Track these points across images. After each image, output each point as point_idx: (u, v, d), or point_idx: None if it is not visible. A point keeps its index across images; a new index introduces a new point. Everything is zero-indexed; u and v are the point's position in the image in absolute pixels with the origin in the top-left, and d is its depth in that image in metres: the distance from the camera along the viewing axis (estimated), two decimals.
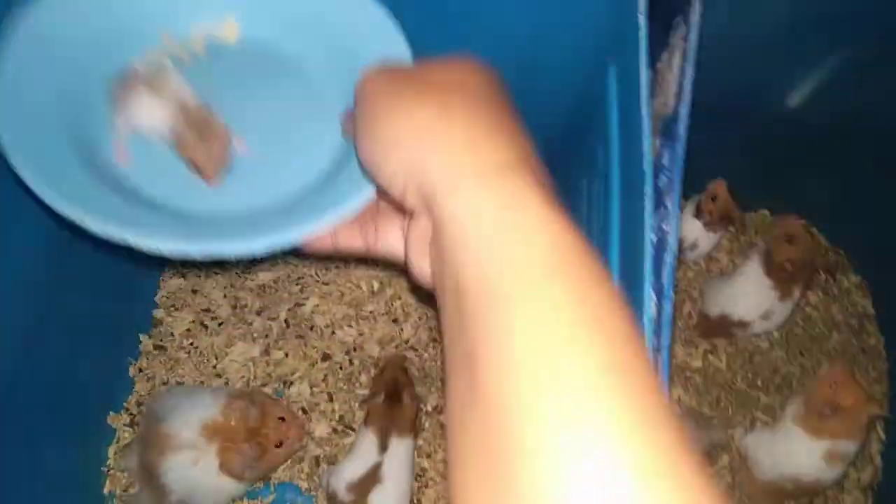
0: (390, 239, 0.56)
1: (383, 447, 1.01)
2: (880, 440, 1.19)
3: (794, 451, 1.06)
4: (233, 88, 0.66)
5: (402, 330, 1.19)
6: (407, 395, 1.04)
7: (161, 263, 1.19)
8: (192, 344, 1.15)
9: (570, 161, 0.85)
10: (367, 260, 1.23)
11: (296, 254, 1.22)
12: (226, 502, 1.04)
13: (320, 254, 0.60)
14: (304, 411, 1.12)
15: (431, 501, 1.08)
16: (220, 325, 1.16)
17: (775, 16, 1.03)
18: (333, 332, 1.18)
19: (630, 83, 0.65)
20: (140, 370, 1.13)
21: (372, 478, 0.99)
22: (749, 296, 1.16)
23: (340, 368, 1.16)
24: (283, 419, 0.99)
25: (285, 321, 1.17)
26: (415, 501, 1.08)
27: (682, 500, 0.30)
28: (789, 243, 1.14)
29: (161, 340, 1.15)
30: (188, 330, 1.15)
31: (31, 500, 0.95)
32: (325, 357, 1.16)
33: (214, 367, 1.13)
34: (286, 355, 1.15)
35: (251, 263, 1.21)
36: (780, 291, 1.15)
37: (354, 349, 1.17)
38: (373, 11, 0.66)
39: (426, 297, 1.16)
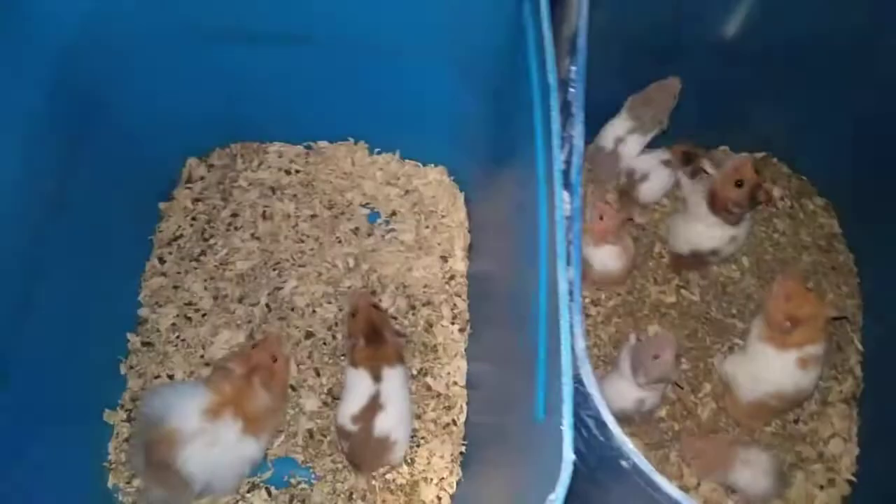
0: None
1: (377, 379, 1.05)
2: (858, 352, 1.22)
3: (769, 367, 1.08)
4: None
5: (380, 300, 1.22)
6: (387, 332, 1.08)
7: (141, 263, 1.23)
8: (178, 337, 1.18)
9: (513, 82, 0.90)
10: (340, 240, 1.27)
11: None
12: (246, 471, 1.06)
13: None
14: (293, 388, 1.15)
15: (424, 459, 1.11)
16: (203, 316, 1.20)
17: None
18: (314, 311, 1.21)
19: (538, 14, 0.69)
20: (131, 367, 1.16)
21: (373, 406, 1.04)
22: (705, 231, 1.18)
23: (324, 344, 1.19)
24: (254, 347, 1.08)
25: (266, 305, 1.21)
26: (408, 460, 1.11)
27: None
28: (738, 187, 1.14)
29: (148, 337, 1.18)
30: (173, 324, 1.19)
31: (39, 500, 0.98)
32: (309, 335, 1.19)
33: (202, 356, 1.17)
34: None
35: (228, 254, 1.24)
36: (730, 223, 1.17)
37: (336, 324, 1.20)
38: None
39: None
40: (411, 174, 1.33)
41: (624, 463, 0.59)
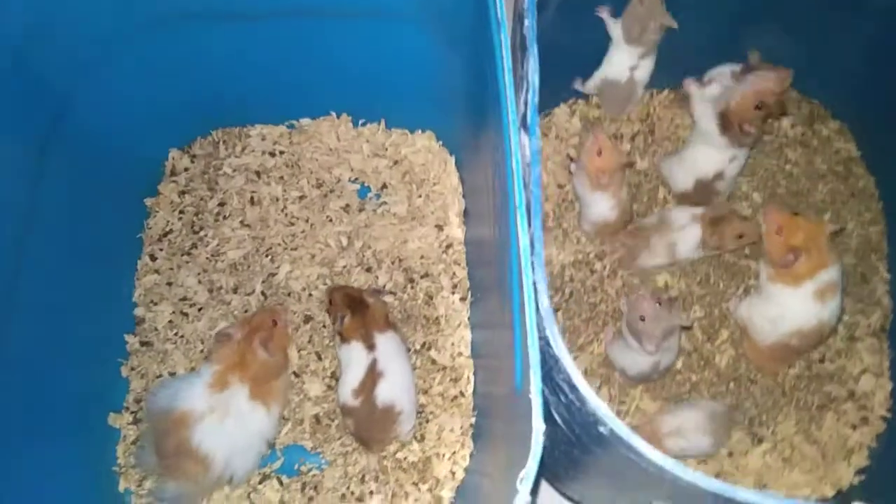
0: None
1: (370, 347, 1.03)
2: (885, 280, 1.14)
3: (787, 307, 1.02)
4: None
5: (377, 277, 1.18)
6: (367, 295, 1.07)
7: (132, 263, 1.21)
8: (176, 334, 1.16)
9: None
10: (331, 219, 1.23)
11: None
12: (263, 448, 1.06)
13: None
14: (296, 374, 1.13)
15: (434, 434, 1.08)
16: (199, 310, 1.18)
17: None
18: (311, 294, 1.18)
19: None
20: (132, 368, 1.15)
21: (372, 376, 1.02)
22: (712, 155, 1.12)
23: (323, 327, 1.16)
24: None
25: (262, 293, 1.18)
26: (417, 437, 1.08)
27: None
28: (757, 109, 1.07)
29: (146, 336, 1.17)
30: (170, 321, 1.17)
31: None
32: (307, 319, 1.16)
33: (202, 351, 1.15)
34: None
35: (219, 245, 1.22)
36: (742, 145, 1.10)
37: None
38: None
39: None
40: (399, 143, 1.28)
41: (602, 429, 0.55)
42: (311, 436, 1.10)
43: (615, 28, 1.14)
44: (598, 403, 0.55)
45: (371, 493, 1.06)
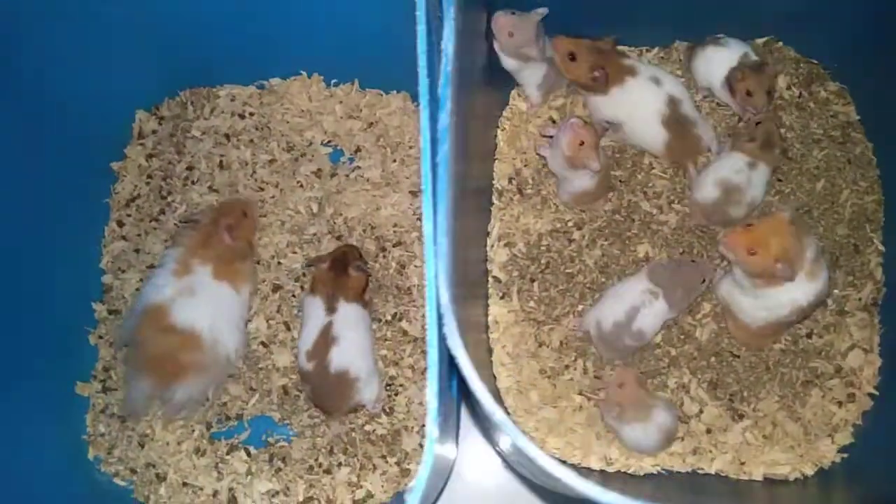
0: None
1: (331, 310, 1.01)
2: (879, 252, 1.09)
3: (783, 297, 0.97)
4: None
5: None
6: (353, 267, 1.04)
7: (99, 229, 1.18)
8: None
9: None
10: (302, 184, 1.19)
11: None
12: (241, 323, 1.08)
13: None
14: (264, 345, 1.11)
15: (403, 406, 1.06)
16: None
17: None
18: (279, 262, 1.15)
19: None
20: (100, 337, 1.13)
21: (324, 339, 1.00)
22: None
23: (293, 296, 1.13)
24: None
25: None
26: (386, 409, 1.06)
27: None
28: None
29: (114, 304, 1.14)
30: (137, 289, 1.14)
31: (21, 478, 0.98)
32: (276, 288, 1.13)
33: None
34: None
35: (187, 211, 1.18)
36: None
37: (304, 275, 1.14)
38: None
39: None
40: (373, 104, 1.22)
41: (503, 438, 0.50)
42: (279, 407, 1.08)
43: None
44: (493, 408, 0.51)
45: (339, 465, 1.05)
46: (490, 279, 1.11)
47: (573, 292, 1.09)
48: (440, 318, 0.52)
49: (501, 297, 1.10)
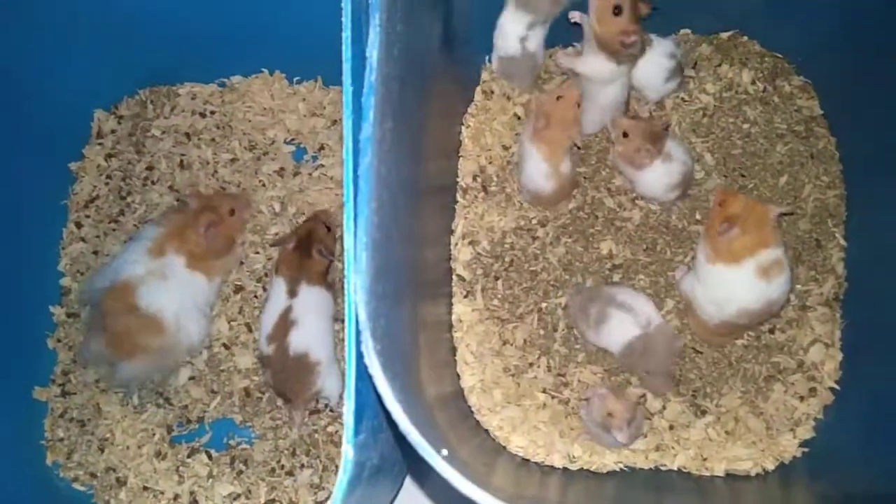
0: None
1: (292, 293, 1.01)
2: (841, 247, 1.09)
3: (727, 286, 0.97)
4: None
5: None
6: (316, 250, 1.03)
7: (57, 231, 1.16)
8: None
9: None
10: (264, 183, 1.18)
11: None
12: (207, 311, 1.08)
13: None
14: (226, 346, 1.10)
15: None
16: None
17: None
18: (241, 263, 1.14)
19: None
20: (59, 340, 1.12)
21: (284, 322, 1.00)
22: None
23: (255, 297, 1.12)
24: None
25: None
26: None
27: None
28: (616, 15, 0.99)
29: (73, 308, 1.13)
30: None
31: None
32: (238, 289, 1.12)
33: None
34: None
35: (146, 211, 1.16)
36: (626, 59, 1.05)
37: (266, 275, 1.13)
38: None
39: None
40: (337, 101, 1.21)
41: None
42: (241, 409, 1.07)
43: None
44: (420, 442, 0.49)
45: (301, 466, 1.04)
46: (454, 278, 1.10)
47: (537, 290, 1.09)
48: (358, 334, 0.51)
49: (465, 296, 1.09)
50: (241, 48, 1.17)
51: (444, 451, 0.49)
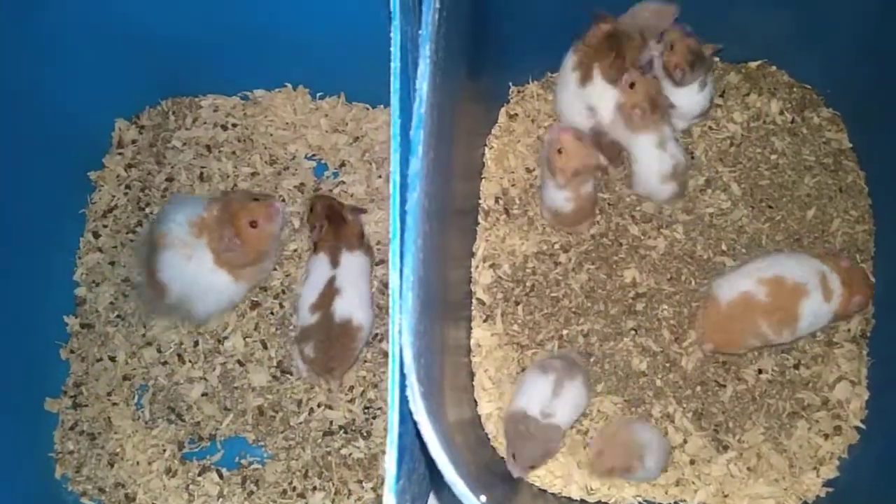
0: None
1: (334, 263, 1.03)
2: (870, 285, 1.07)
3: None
4: None
5: None
6: (346, 212, 1.06)
7: (74, 240, 1.15)
8: (118, 316, 1.11)
9: None
10: (284, 198, 1.16)
11: None
12: (227, 307, 1.08)
13: None
14: (241, 363, 1.08)
15: (381, 430, 1.04)
16: None
17: None
18: (275, 269, 1.12)
19: None
20: (72, 351, 1.10)
21: (329, 291, 1.01)
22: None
23: (271, 314, 1.10)
24: (256, 200, 1.05)
25: None
26: (364, 433, 1.04)
27: None
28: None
29: (87, 318, 1.11)
30: (112, 303, 1.12)
31: None
32: (254, 305, 1.11)
33: (143, 335, 1.10)
34: None
35: None
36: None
37: (283, 292, 1.11)
38: None
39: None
40: (360, 118, 1.20)
41: None
42: (254, 428, 1.05)
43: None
44: (455, 480, 0.47)
45: (314, 489, 1.02)
46: (474, 301, 1.09)
47: (558, 316, 1.07)
48: (402, 377, 0.49)
49: (485, 320, 1.07)
50: (265, 62, 1.16)
51: (483, 498, 0.47)
